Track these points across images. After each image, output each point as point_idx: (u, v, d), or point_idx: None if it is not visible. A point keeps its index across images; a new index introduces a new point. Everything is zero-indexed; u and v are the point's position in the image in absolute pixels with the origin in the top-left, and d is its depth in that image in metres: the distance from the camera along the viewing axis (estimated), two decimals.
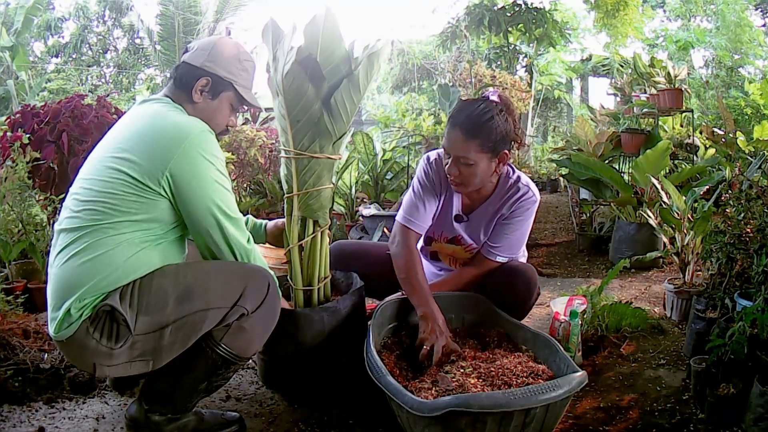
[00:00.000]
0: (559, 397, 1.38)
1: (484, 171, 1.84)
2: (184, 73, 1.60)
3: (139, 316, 1.41)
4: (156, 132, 1.48)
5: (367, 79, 1.81)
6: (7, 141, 3.15)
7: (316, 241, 1.90)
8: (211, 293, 1.48)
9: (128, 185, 1.43)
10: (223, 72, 1.60)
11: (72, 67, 15.61)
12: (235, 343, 1.52)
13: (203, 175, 1.47)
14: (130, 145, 1.47)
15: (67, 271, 1.42)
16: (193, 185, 1.46)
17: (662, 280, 2.99)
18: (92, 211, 1.43)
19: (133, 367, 1.46)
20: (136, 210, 1.44)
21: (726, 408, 1.63)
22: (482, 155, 1.80)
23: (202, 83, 1.59)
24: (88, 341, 1.40)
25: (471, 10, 8.09)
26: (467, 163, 1.80)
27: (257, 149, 4.42)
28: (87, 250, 1.41)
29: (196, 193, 1.47)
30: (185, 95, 1.60)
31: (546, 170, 7.79)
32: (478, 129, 1.78)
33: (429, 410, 1.33)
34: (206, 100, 1.61)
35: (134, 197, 1.43)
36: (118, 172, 1.44)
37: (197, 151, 1.46)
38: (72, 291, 1.40)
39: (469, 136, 1.78)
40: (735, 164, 3.86)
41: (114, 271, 1.41)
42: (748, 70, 11.35)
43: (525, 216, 2.00)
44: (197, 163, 1.46)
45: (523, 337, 1.83)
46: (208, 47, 1.61)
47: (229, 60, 1.61)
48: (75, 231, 1.43)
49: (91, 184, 1.46)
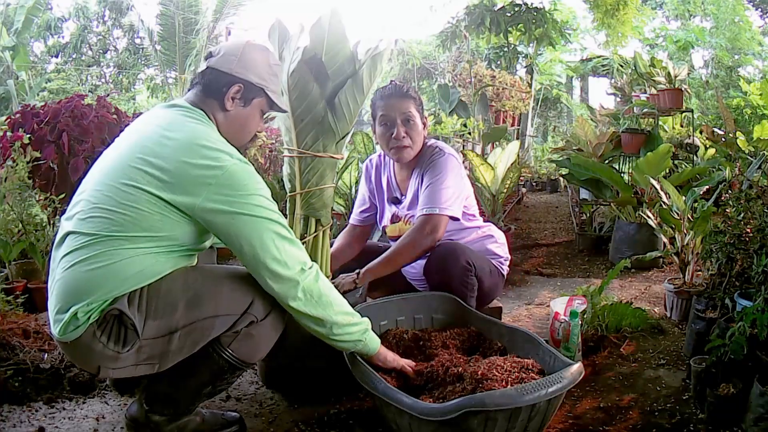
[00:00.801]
0: (565, 388, 1.39)
1: (420, 129, 2.10)
2: (212, 79, 1.52)
3: (147, 320, 1.38)
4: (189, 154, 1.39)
5: (370, 79, 1.83)
6: (8, 141, 3.15)
7: (317, 239, 1.90)
8: (222, 300, 1.46)
9: (153, 204, 1.37)
10: (255, 78, 1.53)
11: (72, 67, 15.60)
12: (242, 350, 1.50)
13: (241, 213, 1.39)
14: (160, 162, 1.38)
15: (76, 276, 1.37)
16: (231, 223, 1.39)
17: (662, 280, 2.99)
18: (109, 220, 1.36)
19: (138, 370, 1.44)
20: (159, 228, 1.38)
21: (726, 408, 1.63)
22: (416, 112, 2.08)
23: (235, 90, 1.52)
24: (95, 345, 1.37)
25: (471, 10, 8.08)
26: (411, 119, 2.06)
27: (257, 149, 4.42)
28: (99, 257, 1.36)
29: (239, 233, 1.40)
30: (217, 103, 1.52)
31: (546, 170, 7.78)
32: (406, 92, 2.10)
33: (441, 413, 1.32)
34: (238, 108, 1.54)
35: (159, 216, 1.37)
36: (142, 191, 1.36)
37: (234, 184, 1.39)
38: (80, 297, 1.36)
39: (405, 97, 2.08)
40: (735, 164, 3.87)
41: (125, 281, 1.37)
42: (747, 70, 11.36)
43: (436, 168, 2.06)
44: (234, 198, 1.39)
45: (498, 333, 1.82)
46: (237, 52, 1.52)
47: (260, 65, 1.55)
48: (87, 236, 1.37)
49: (110, 191, 1.38)
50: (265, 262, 1.42)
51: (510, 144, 4.43)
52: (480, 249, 2.15)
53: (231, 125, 1.55)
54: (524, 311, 2.87)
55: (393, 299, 1.95)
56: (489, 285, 2.10)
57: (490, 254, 2.18)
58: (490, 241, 2.20)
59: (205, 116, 1.51)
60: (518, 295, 3.19)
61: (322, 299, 1.49)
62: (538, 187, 7.69)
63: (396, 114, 2.05)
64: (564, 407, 1.79)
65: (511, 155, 4.04)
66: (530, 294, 3.22)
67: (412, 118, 2.05)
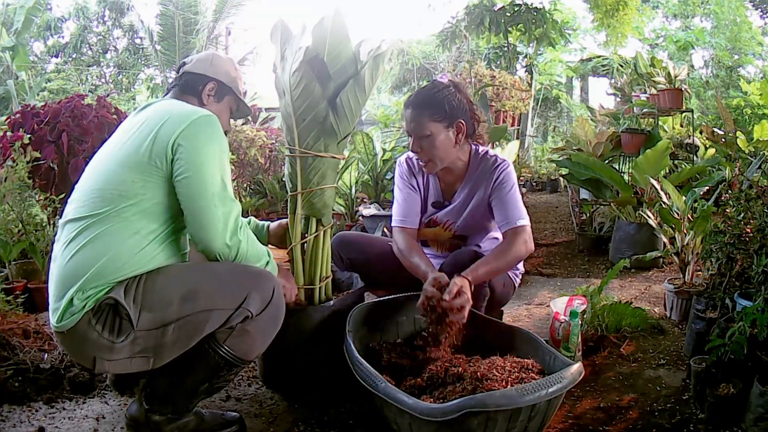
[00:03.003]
0: (565, 388, 1.40)
1: (444, 142, 1.95)
2: (189, 80, 1.73)
3: (142, 311, 1.42)
4: (163, 113, 1.54)
5: (372, 79, 1.84)
6: (8, 141, 3.15)
7: (318, 239, 1.91)
8: (216, 294, 1.48)
9: (134, 171, 1.47)
10: (225, 79, 1.76)
11: (72, 67, 15.61)
12: (238, 346, 1.52)
13: (209, 147, 1.51)
14: (136, 133, 1.52)
15: (72, 259, 1.43)
16: (200, 153, 1.49)
17: (662, 280, 2.99)
18: (99, 199, 1.47)
19: (134, 364, 1.46)
20: (142, 195, 1.46)
21: (726, 408, 1.63)
22: (437, 125, 1.93)
23: (210, 87, 1.74)
24: (90, 333, 1.41)
25: (471, 10, 8.08)
26: (425, 135, 1.93)
27: (257, 149, 4.43)
28: (92, 240, 1.43)
29: (203, 162, 1.49)
30: (195, 99, 1.72)
31: (546, 170, 7.78)
32: (427, 101, 1.94)
33: (442, 414, 1.32)
34: (212, 103, 1.75)
35: (141, 183, 1.46)
36: (124, 164, 1.48)
37: (205, 125, 1.52)
38: (75, 279, 1.41)
39: (421, 109, 1.93)
40: (735, 164, 3.87)
41: (118, 260, 1.42)
42: (747, 70, 11.37)
43: (508, 180, 2.02)
44: (204, 135, 1.51)
45: (498, 333, 1.82)
46: (208, 59, 1.77)
47: (227, 69, 1.78)
48: (81, 221, 1.45)
49: (97, 174, 1.52)
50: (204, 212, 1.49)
51: (510, 144, 4.44)
52: None
53: None
54: (524, 311, 2.87)
55: (393, 299, 1.95)
56: (500, 295, 2.09)
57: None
58: None
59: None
60: (518, 295, 3.19)
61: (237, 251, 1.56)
62: (538, 187, 7.70)
63: (411, 129, 1.96)
64: (564, 407, 1.79)
65: (511, 155, 4.04)
66: (530, 294, 3.22)
67: (425, 134, 1.92)
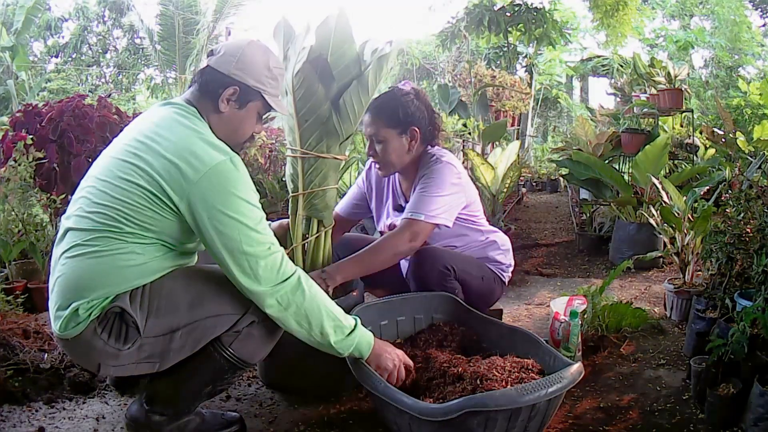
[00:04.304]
0: (565, 388, 1.40)
1: (397, 148, 2.03)
2: (209, 79, 1.50)
3: (149, 318, 1.39)
4: (177, 151, 1.39)
5: (376, 81, 1.83)
6: (10, 141, 3.14)
7: (319, 240, 1.91)
8: (224, 299, 1.47)
9: (145, 198, 1.37)
10: (252, 81, 1.50)
11: (72, 67, 15.59)
12: (243, 349, 1.51)
13: (220, 213, 1.37)
14: (150, 157, 1.39)
15: (76, 271, 1.38)
16: (210, 221, 1.38)
17: (662, 280, 2.99)
18: (105, 215, 1.38)
19: (139, 369, 1.44)
20: (151, 224, 1.39)
21: (726, 408, 1.63)
22: (390, 131, 2.01)
23: (230, 92, 1.49)
24: (95, 341, 1.38)
25: (471, 10, 8.07)
26: (379, 140, 2.01)
27: (257, 149, 4.42)
28: (98, 253, 1.37)
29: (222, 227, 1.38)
30: (211, 104, 1.50)
31: (546, 170, 7.77)
32: (383, 108, 2.01)
33: (442, 414, 1.33)
34: (233, 110, 1.52)
35: (150, 211, 1.38)
36: (135, 185, 1.38)
37: (217, 182, 1.37)
38: (81, 293, 1.37)
39: (377, 115, 2.01)
40: (735, 164, 3.87)
41: (125, 276, 1.39)
42: (747, 70, 11.36)
43: (430, 176, 2.01)
44: (216, 198, 1.37)
45: (498, 333, 1.82)
46: (237, 53, 1.49)
47: (258, 68, 1.51)
48: (85, 232, 1.39)
49: (106, 187, 1.40)
50: (234, 274, 1.41)
51: (510, 144, 4.44)
52: (480, 256, 2.16)
53: (224, 126, 1.53)
54: (524, 311, 2.87)
55: (393, 299, 1.95)
56: (481, 290, 2.09)
57: (491, 261, 2.18)
58: (491, 248, 2.19)
59: (198, 114, 1.50)
60: (518, 295, 3.19)
61: (300, 309, 1.45)
62: (538, 187, 7.69)
63: (367, 133, 2.04)
64: (564, 407, 1.79)
65: (511, 155, 4.04)
66: (530, 294, 3.22)
67: (379, 140, 2.01)
